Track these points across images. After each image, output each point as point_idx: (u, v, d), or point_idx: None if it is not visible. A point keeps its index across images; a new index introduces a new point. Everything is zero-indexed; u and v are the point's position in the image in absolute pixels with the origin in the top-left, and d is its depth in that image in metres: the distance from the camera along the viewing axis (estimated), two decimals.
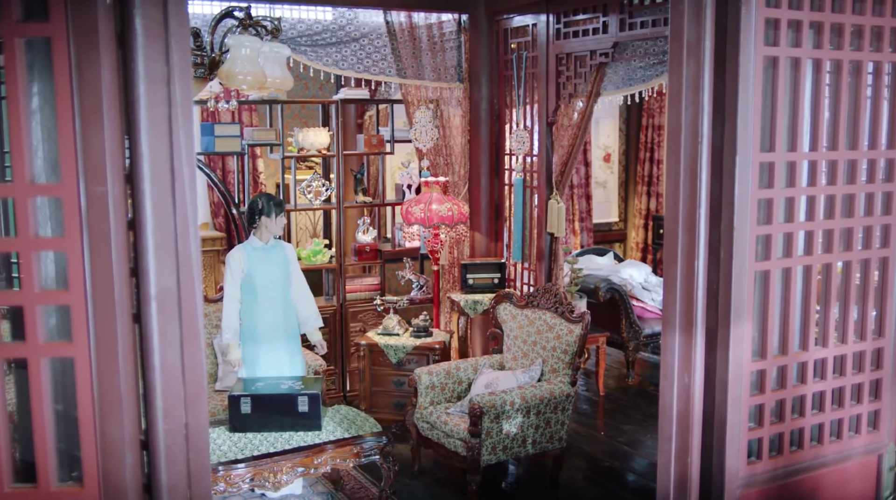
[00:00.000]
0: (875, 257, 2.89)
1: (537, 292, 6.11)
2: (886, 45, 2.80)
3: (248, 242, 5.29)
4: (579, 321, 5.72)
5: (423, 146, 7.01)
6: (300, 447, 4.80)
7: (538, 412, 5.50)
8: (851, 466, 2.95)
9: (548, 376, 5.81)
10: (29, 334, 1.77)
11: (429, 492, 5.75)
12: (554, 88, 6.50)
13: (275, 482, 4.72)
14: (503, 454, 5.47)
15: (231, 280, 5.20)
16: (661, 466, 2.79)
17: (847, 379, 2.91)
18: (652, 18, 5.63)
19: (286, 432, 4.94)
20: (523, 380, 5.73)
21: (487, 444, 5.36)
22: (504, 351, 6.19)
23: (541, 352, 5.89)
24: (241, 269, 5.18)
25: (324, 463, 4.85)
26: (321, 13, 6.50)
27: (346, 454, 4.91)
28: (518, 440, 5.48)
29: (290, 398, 4.97)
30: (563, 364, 5.75)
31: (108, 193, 1.74)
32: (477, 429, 5.31)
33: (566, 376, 5.73)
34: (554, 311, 5.92)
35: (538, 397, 5.49)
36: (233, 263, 5.21)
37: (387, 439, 5.06)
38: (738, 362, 2.64)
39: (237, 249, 5.27)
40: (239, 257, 5.21)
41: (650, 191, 10.08)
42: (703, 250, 2.63)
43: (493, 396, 5.40)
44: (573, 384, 5.72)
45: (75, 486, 1.85)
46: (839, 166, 2.77)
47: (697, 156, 2.59)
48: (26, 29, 1.69)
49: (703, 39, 2.53)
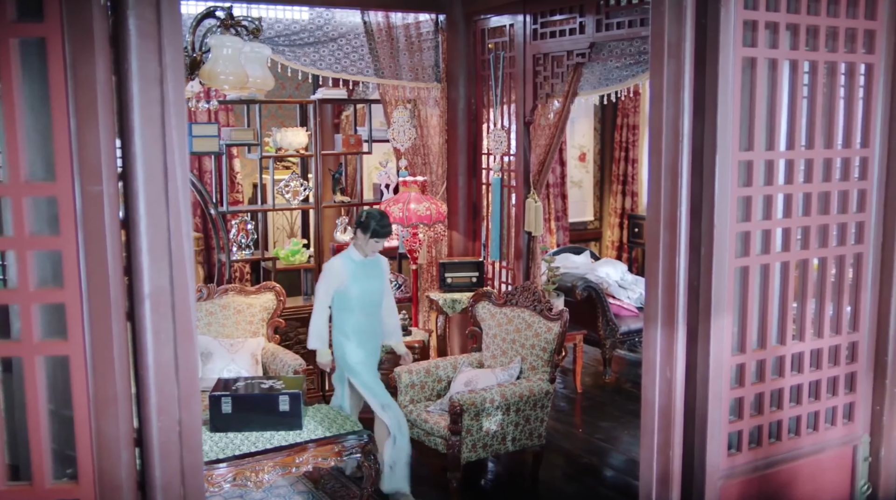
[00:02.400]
0: (850, 253, 2.96)
1: (516, 291, 6.15)
2: (860, 47, 2.87)
3: (348, 253, 5.26)
4: (558, 319, 5.78)
5: (400, 146, 7.04)
6: (281, 446, 4.80)
7: (518, 410, 5.54)
8: (828, 457, 3.03)
9: (527, 373, 5.85)
10: (24, 332, 1.78)
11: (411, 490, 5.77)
12: (531, 87, 6.56)
13: (256, 481, 4.72)
14: (483, 452, 5.50)
15: (325, 290, 5.17)
16: (643, 459, 2.85)
17: (823, 372, 2.98)
18: (628, 19, 5.70)
19: (267, 431, 4.94)
20: (503, 378, 5.77)
21: (468, 441, 5.39)
22: (483, 349, 6.23)
23: (520, 350, 5.94)
24: (339, 281, 5.15)
25: (305, 462, 4.85)
26: (298, 13, 6.50)
27: (328, 452, 4.92)
28: (498, 437, 5.52)
29: (271, 398, 4.97)
30: (542, 362, 5.80)
31: (103, 193, 1.75)
32: (457, 427, 5.34)
33: (545, 373, 5.78)
34: (532, 309, 5.97)
35: (518, 394, 5.54)
36: (332, 274, 5.17)
37: (368, 437, 5.08)
38: (718, 357, 2.70)
39: (339, 260, 5.23)
40: (340, 269, 5.17)
41: (625, 190, 10.18)
42: (685, 247, 2.68)
43: (473, 394, 5.44)
44: (552, 382, 5.77)
45: (70, 483, 1.86)
46: (815, 165, 2.84)
47: (678, 155, 2.64)
48: (21, 29, 1.71)
49: (684, 40, 2.58)
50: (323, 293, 5.17)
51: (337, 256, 5.28)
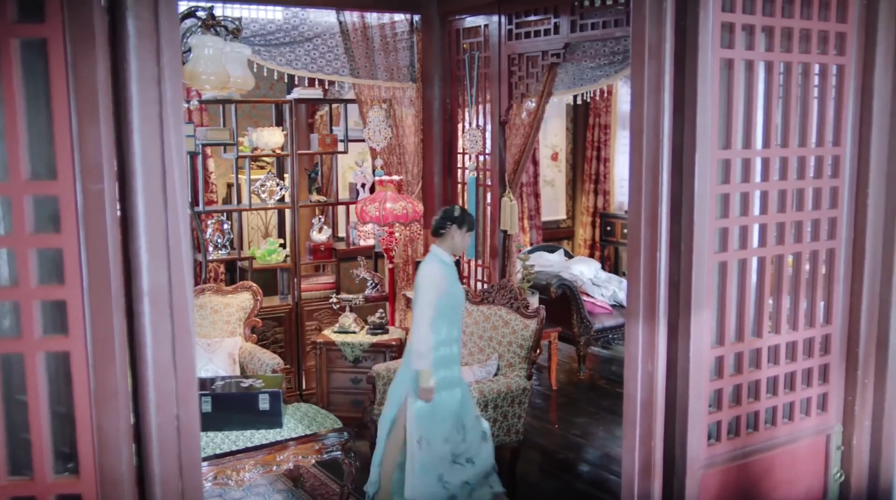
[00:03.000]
0: (823, 248, 3.05)
1: (492, 289, 6.21)
2: (831, 48, 2.97)
3: (438, 256, 4.64)
4: (534, 316, 5.84)
5: (376, 145, 7.07)
6: (262, 444, 4.83)
7: (496, 406, 5.60)
8: (802, 446, 3.12)
9: (504, 370, 5.91)
10: (25, 329, 1.80)
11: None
12: (506, 87, 6.62)
13: (238, 479, 4.74)
14: None
15: (430, 300, 4.48)
16: (625, 451, 2.92)
17: (798, 364, 3.08)
18: (602, 20, 5.78)
19: (247, 430, 4.95)
20: (480, 375, 5.82)
21: None
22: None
23: (497, 347, 5.99)
24: (441, 288, 4.52)
25: (286, 460, 4.88)
26: (272, 13, 6.51)
27: (308, 450, 4.95)
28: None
29: (251, 397, 4.99)
30: (519, 359, 5.86)
31: (104, 191, 1.78)
32: None
33: (522, 370, 5.84)
34: (509, 306, 6.03)
35: (495, 391, 5.59)
36: (435, 280, 4.53)
37: (348, 434, 5.11)
38: (698, 350, 2.78)
39: (434, 263, 4.61)
40: (440, 273, 4.56)
41: (597, 189, 10.28)
42: (665, 244, 2.75)
43: None
44: (529, 378, 5.83)
45: (71, 478, 1.88)
46: (790, 163, 2.93)
47: (659, 153, 2.71)
48: (22, 30, 1.73)
49: (664, 42, 2.65)
50: (429, 305, 4.46)
51: (427, 261, 4.65)
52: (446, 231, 4.64)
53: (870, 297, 3.12)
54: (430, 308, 4.47)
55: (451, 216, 4.66)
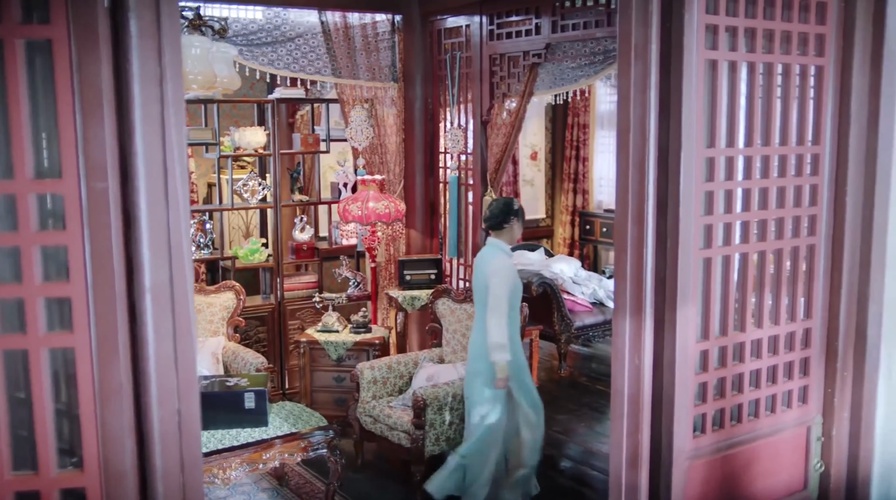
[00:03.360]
0: (803, 244, 3.13)
1: None
2: (811, 50, 3.05)
3: (502, 248, 4.75)
4: None
5: (358, 145, 7.10)
6: (248, 442, 4.84)
7: None
8: (784, 437, 3.20)
9: None
10: (30, 325, 1.82)
11: (374, 485, 5.85)
12: (488, 87, 6.68)
13: (224, 478, 4.76)
14: (446, 445, 5.59)
15: (506, 293, 4.57)
16: (613, 443, 2.98)
17: (780, 358, 3.15)
18: (583, 21, 5.85)
19: (233, 429, 4.97)
20: (463, 372, 5.87)
21: (431, 435, 5.49)
22: (443, 345, 6.32)
23: None
24: (512, 281, 4.61)
25: (272, 458, 4.90)
26: (254, 13, 6.52)
27: (294, 448, 4.97)
28: (461, 430, 5.61)
29: (237, 395, 5.00)
30: None
31: (108, 189, 1.81)
32: (421, 421, 5.43)
33: None
34: None
35: None
36: (510, 273, 4.63)
37: (333, 432, 5.14)
38: (684, 344, 2.84)
39: (505, 257, 4.68)
40: (512, 266, 4.64)
41: (576, 188, 10.36)
42: (652, 240, 2.82)
43: (435, 388, 5.53)
44: None
45: (75, 472, 1.91)
46: (772, 161, 3.00)
47: (645, 152, 2.77)
48: (28, 31, 1.75)
49: (650, 43, 2.72)
50: (504, 299, 4.55)
51: (496, 254, 4.72)
52: (509, 224, 4.74)
53: (848, 292, 3.20)
54: (506, 302, 4.57)
55: (512, 209, 4.75)
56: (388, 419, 5.73)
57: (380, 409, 5.85)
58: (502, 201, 4.84)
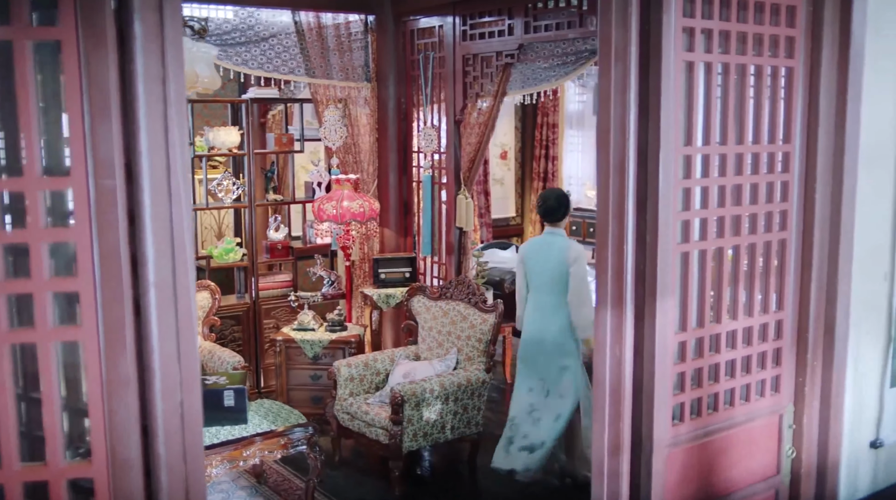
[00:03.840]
0: (776, 239, 3.25)
1: (450, 284, 6.34)
2: (782, 52, 3.17)
3: (563, 235, 5.36)
4: (493, 311, 5.99)
5: (332, 145, 7.15)
6: (229, 440, 4.87)
7: (456, 399, 5.73)
8: (758, 425, 3.31)
9: (463, 364, 6.04)
10: (38, 319, 1.86)
11: (352, 481, 5.91)
12: (461, 87, 6.76)
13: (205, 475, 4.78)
14: (424, 441, 5.67)
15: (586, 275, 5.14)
16: (596, 432, 3.07)
17: (754, 348, 3.27)
18: (556, 22, 5.96)
19: (213, 426, 4.99)
20: (440, 368, 5.95)
21: (409, 431, 5.55)
22: (419, 342, 6.39)
23: (455, 341, 6.12)
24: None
25: (252, 455, 4.94)
26: (225, 12, 6.53)
27: (274, 445, 5.01)
28: (438, 426, 5.69)
29: (216, 393, 5.03)
30: (478, 352, 6.00)
31: (116, 186, 1.86)
32: (398, 417, 5.49)
33: (481, 363, 5.98)
34: (467, 301, 6.16)
35: (456, 383, 5.72)
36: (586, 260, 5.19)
37: (313, 429, 5.19)
38: (663, 336, 2.94)
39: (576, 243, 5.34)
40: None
41: (546, 187, 10.49)
42: (632, 236, 2.91)
43: (413, 384, 5.60)
44: (488, 371, 5.98)
45: (83, 463, 1.95)
46: (745, 159, 3.12)
47: (626, 150, 2.87)
48: (37, 32, 1.80)
49: (630, 45, 2.81)
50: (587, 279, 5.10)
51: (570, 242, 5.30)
52: (567, 215, 5.35)
53: (818, 285, 3.33)
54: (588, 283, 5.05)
55: (569, 201, 5.36)
56: (366, 415, 5.78)
57: (357, 406, 5.90)
58: (559, 194, 5.36)
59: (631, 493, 3.03)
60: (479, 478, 5.97)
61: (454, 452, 6.29)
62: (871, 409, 3.65)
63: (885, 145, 3.50)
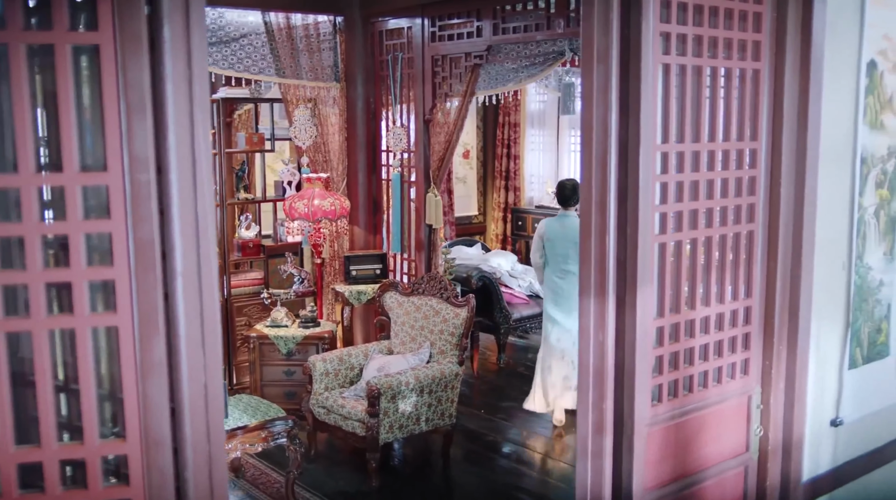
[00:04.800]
0: (744, 230, 3.46)
1: (422, 280, 6.49)
2: (749, 55, 3.38)
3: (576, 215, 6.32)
4: (465, 305, 6.15)
5: (302, 144, 7.24)
6: None
7: (430, 391, 5.88)
8: (729, 405, 3.52)
9: (436, 357, 6.19)
10: (77, 306, 1.98)
11: (328, 473, 6.02)
12: (430, 87, 6.90)
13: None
14: (399, 432, 5.81)
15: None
16: (580, 413, 3.25)
17: (725, 333, 3.47)
18: (524, 24, 6.14)
19: None
20: (413, 362, 6.09)
21: (385, 423, 5.69)
22: (392, 337, 6.53)
23: (428, 336, 6.27)
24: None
25: (234, 449, 5.03)
26: None
27: (255, 438, 5.11)
28: (413, 418, 5.83)
29: None
30: (451, 346, 6.16)
31: (150, 180, 1.98)
32: (375, 409, 5.62)
33: (454, 356, 6.14)
34: (439, 297, 6.32)
35: (430, 376, 5.87)
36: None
37: (292, 422, 5.30)
38: (643, 322, 3.13)
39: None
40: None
41: (508, 185, 10.69)
42: (613, 227, 3.10)
43: (388, 377, 5.74)
44: (461, 364, 6.14)
45: (118, 441, 2.07)
46: (716, 155, 3.32)
47: (607, 147, 3.05)
48: (77, 37, 1.91)
49: (611, 49, 2.99)
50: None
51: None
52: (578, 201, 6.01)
53: (783, 273, 3.55)
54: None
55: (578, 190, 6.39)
56: (342, 409, 5.90)
57: (333, 400, 6.01)
58: (574, 184, 6.59)
59: (614, 470, 3.21)
60: (453, 467, 6.14)
61: (424, 443, 6.44)
62: (831, 390, 3.89)
63: (843, 143, 3.74)
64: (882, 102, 3.84)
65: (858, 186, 3.81)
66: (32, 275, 1.93)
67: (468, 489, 5.82)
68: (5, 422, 1.98)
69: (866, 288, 3.94)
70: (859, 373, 3.97)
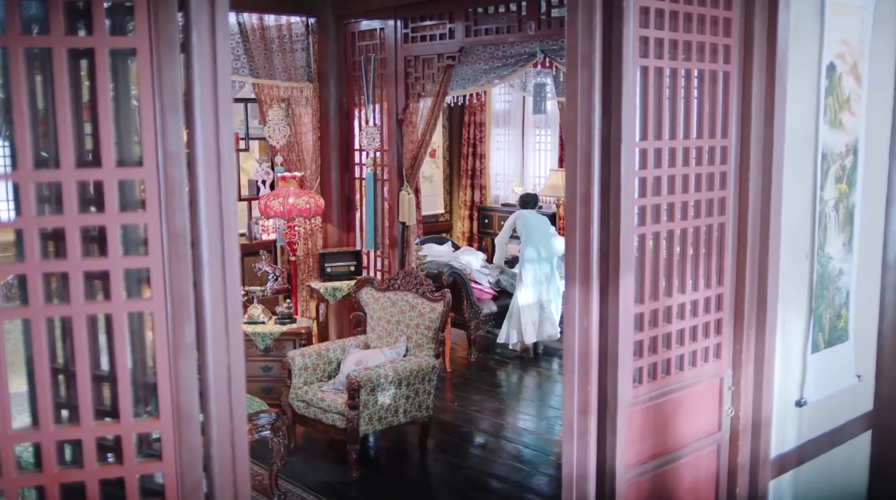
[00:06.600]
0: (716, 223, 3.68)
1: (397, 276, 6.65)
2: (720, 58, 3.60)
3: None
4: (440, 299, 6.33)
5: (276, 143, 7.36)
6: None
7: (408, 384, 6.05)
8: (703, 387, 3.74)
9: (413, 351, 6.36)
10: (114, 292, 2.11)
11: (309, 465, 6.16)
12: (403, 88, 7.07)
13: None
14: (379, 424, 5.97)
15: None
16: (566, 396, 3.44)
17: (699, 319, 3.69)
18: (496, 26, 6.33)
19: None
20: (391, 356, 6.26)
21: (365, 415, 5.84)
22: (368, 332, 6.68)
23: (405, 330, 6.43)
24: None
25: None
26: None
27: None
28: (391, 409, 6.00)
29: None
30: (427, 339, 6.33)
31: (182, 175, 2.12)
32: (355, 402, 5.77)
33: (430, 350, 6.31)
34: (415, 292, 6.48)
35: (408, 369, 6.04)
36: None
37: (276, 415, 5.43)
38: (625, 308, 3.33)
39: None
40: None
41: (474, 184, 10.88)
42: (597, 219, 3.29)
43: (367, 370, 5.89)
44: (437, 357, 6.32)
45: (152, 419, 2.20)
46: (691, 152, 3.54)
47: (591, 144, 3.25)
48: (115, 41, 2.04)
49: (594, 52, 3.19)
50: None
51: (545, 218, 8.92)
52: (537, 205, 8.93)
53: (752, 262, 3.78)
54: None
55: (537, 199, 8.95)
56: (322, 402, 6.04)
57: (312, 393, 6.15)
58: (534, 195, 8.85)
59: (598, 449, 3.41)
60: (430, 457, 6.31)
61: (402, 435, 6.61)
62: (796, 372, 4.14)
63: (805, 140, 3.99)
64: (840, 102, 4.10)
65: (820, 180, 4.06)
66: (73, 263, 2.06)
67: (445, 478, 6.00)
68: (46, 402, 2.10)
69: (827, 277, 4.20)
70: (822, 356, 4.22)
